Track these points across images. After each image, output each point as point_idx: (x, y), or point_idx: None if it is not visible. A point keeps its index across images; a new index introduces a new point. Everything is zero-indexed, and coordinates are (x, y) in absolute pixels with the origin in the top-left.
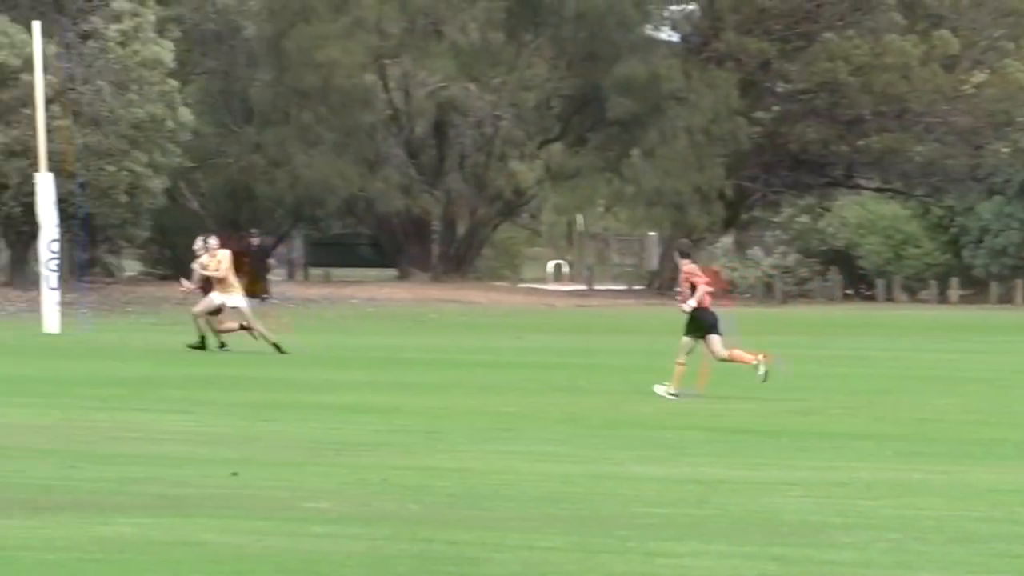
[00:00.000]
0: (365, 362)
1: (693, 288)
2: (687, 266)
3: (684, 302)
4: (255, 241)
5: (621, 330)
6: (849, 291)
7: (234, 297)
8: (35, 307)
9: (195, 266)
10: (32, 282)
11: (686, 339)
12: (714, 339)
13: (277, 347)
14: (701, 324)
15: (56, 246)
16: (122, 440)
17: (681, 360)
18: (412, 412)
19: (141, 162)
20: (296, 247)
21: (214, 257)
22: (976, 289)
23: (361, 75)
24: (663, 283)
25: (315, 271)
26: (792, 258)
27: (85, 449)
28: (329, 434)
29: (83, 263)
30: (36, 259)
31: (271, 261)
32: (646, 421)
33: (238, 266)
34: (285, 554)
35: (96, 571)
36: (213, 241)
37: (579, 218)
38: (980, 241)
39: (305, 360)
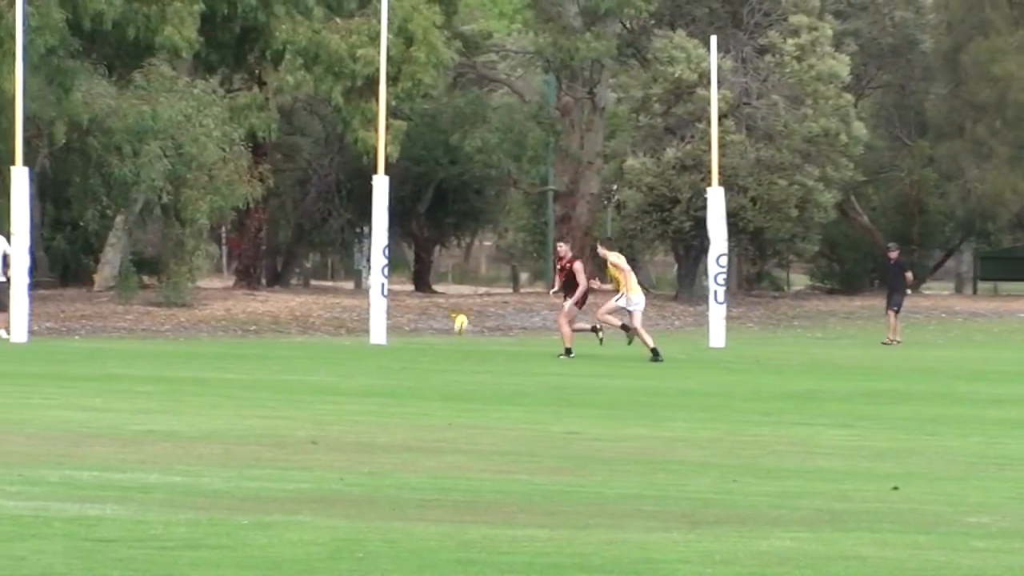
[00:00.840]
0: None
1: None
2: None
3: None
4: (893, 255)
5: None
6: None
7: (629, 299)
8: (701, 321)
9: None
10: (700, 297)
11: None
12: None
13: (655, 352)
14: None
15: (724, 260)
16: (783, 454)
17: None
18: None
19: (813, 176)
20: (965, 261)
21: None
22: None
23: None
24: None
25: (984, 285)
26: None
27: (746, 463)
28: (992, 448)
29: (751, 277)
30: (704, 273)
31: (908, 275)
32: None
33: None
34: (944, 569)
35: None
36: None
37: None
38: None
39: (969, 375)
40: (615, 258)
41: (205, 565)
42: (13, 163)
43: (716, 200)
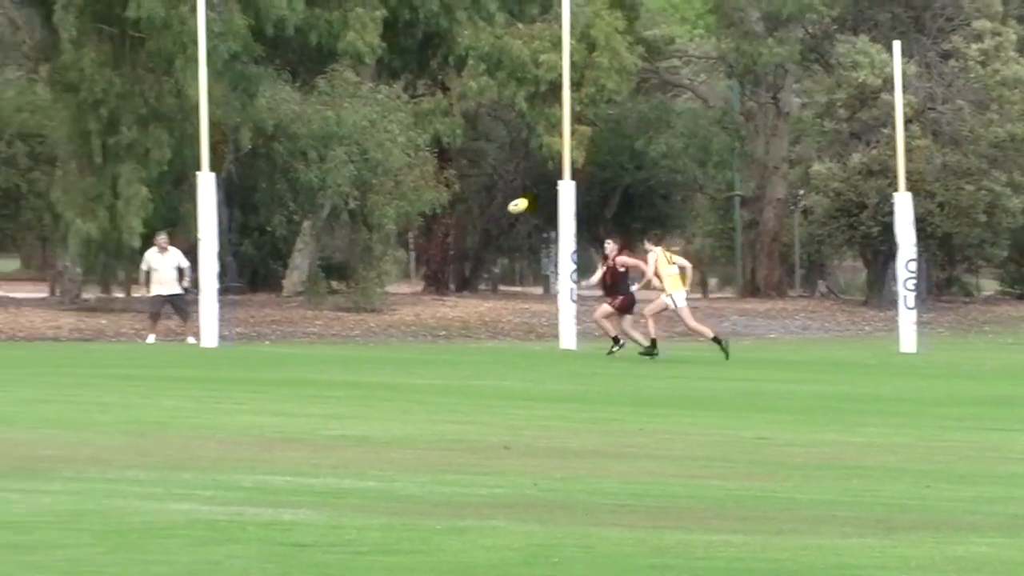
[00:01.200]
0: None
1: None
2: None
3: None
4: None
5: None
6: None
7: (672, 297)
8: (891, 327)
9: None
10: (890, 302)
11: None
12: None
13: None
14: None
15: (913, 265)
16: (977, 460)
17: None
18: None
19: (1000, 181)
20: None
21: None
22: None
23: None
24: None
25: None
26: None
27: (940, 468)
28: None
29: (940, 283)
30: (894, 279)
31: None
32: None
33: None
34: None
35: None
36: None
37: None
38: None
39: None
40: (651, 256)
41: (400, 570)
42: (199, 169)
43: (903, 205)
